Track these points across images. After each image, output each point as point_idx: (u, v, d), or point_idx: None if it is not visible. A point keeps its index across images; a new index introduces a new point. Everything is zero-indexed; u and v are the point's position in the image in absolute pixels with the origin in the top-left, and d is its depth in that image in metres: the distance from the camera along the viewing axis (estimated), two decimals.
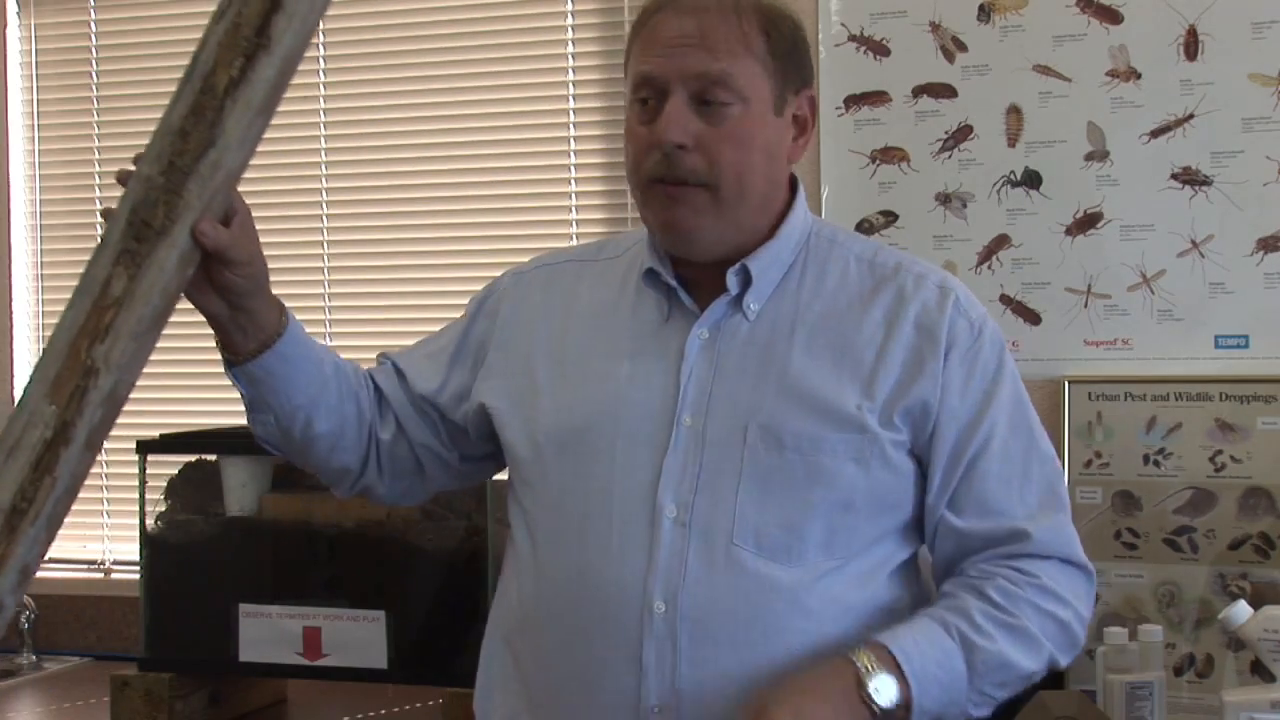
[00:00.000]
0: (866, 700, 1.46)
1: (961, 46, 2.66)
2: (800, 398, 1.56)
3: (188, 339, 3.10)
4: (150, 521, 2.65)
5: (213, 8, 1.35)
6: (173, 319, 2.53)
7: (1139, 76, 2.58)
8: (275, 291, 1.60)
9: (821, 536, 1.54)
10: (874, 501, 1.56)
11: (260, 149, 3.31)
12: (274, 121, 3.31)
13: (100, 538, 3.26)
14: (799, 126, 1.63)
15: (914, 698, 1.47)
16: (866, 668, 1.46)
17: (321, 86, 3.11)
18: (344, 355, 1.76)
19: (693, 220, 1.56)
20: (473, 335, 1.76)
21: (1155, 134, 2.57)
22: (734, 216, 1.57)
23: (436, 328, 1.85)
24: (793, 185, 1.67)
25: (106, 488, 3.25)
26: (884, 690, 1.46)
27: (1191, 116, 2.55)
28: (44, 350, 1.36)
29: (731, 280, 1.59)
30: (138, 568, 2.67)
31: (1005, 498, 1.59)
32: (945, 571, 1.62)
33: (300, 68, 3.26)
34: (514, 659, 1.65)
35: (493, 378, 1.70)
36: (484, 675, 1.70)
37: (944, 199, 2.67)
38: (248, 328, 1.56)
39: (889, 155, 2.70)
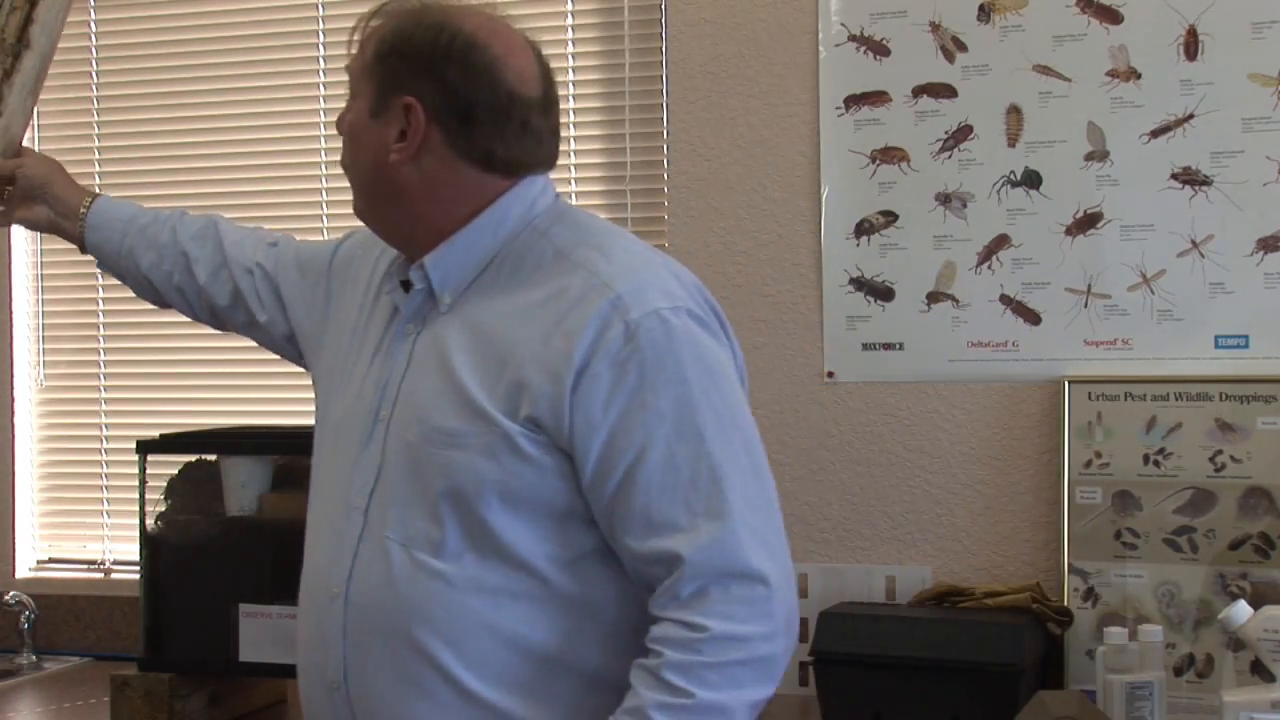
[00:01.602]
0: None
1: (961, 46, 2.66)
2: (450, 393, 1.60)
3: (188, 339, 3.12)
4: (150, 521, 2.65)
5: (214, 8, 1.51)
6: (172, 320, 2.56)
7: (1139, 76, 2.58)
8: None
9: (462, 528, 1.57)
10: (506, 493, 1.56)
11: (260, 149, 3.33)
12: (274, 121, 3.33)
13: (100, 538, 3.26)
14: (401, 130, 1.65)
15: None
16: None
17: (322, 86, 3.11)
18: None
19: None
20: (328, 281, 1.89)
21: (1155, 134, 2.57)
22: (370, 207, 1.71)
23: None
24: (509, 178, 1.67)
25: (106, 488, 3.25)
26: None
27: (1191, 116, 2.55)
28: None
29: (415, 275, 1.66)
30: (138, 568, 2.68)
31: (670, 509, 1.53)
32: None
33: (300, 67, 3.27)
34: None
35: (321, 352, 1.83)
36: None
37: (944, 199, 2.67)
38: (63, 213, 1.97)
39: (889, 155, 2.70)
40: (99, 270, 2.08)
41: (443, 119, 1.62)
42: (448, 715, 1.58)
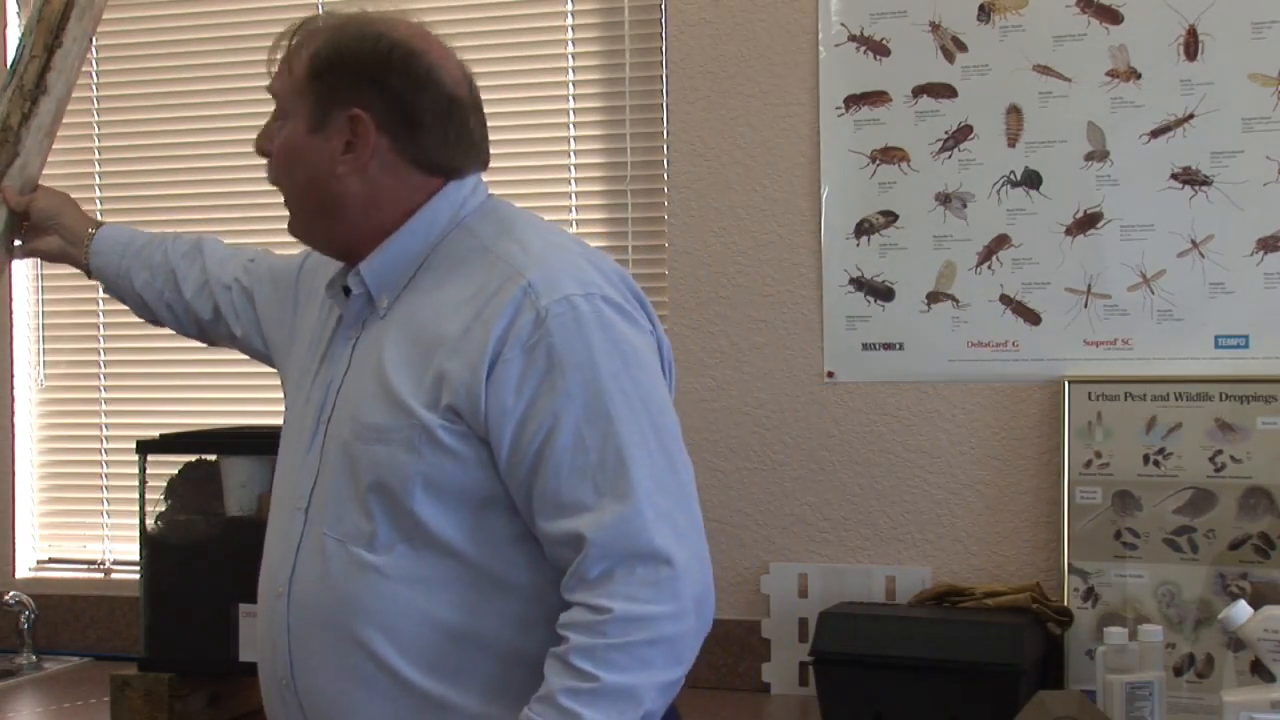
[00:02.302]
0: None
1: (961, 46, 2.66)
2: (379, 391, 1.63)
3: (188, 340, 3.11)
4: (150, 521, 2.65)
5: (214, 8, 1.53)
6: None
7: (1139, 76, 2.58)
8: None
9: (390, 521, 1.60)
10: (430, 485, 1.59)
11: None
12: None
13: (100, 538, 3.26)
14: (347, 142, 1.68)
15: None
16: None
17: None
18: None
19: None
20: (296, 294, 1.93)
21: (1155, 134, 2.57)
22: (306, 224, 1.75)
23: None
24: (446, 179, 1.70)
25: (106, 488, 3.25)
26: None
27: (1191, 116, 2.55)
28: None
29: (352, 281, 1.70)
30: (138, 568, 2.68)
31: (578, 490, 1.55)
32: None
33: None
34: None
35: (289, 361, 1.88)
36: None
37: (944, 199, 2.67)
38: (71, 241, 2.05)
39: (889, 155, 2.70)
40: None
41: (390, 127, 1.66)
42: (386, 704, 1.61)
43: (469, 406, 1.57)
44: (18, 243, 2.08)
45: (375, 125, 1.65)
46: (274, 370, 1.98)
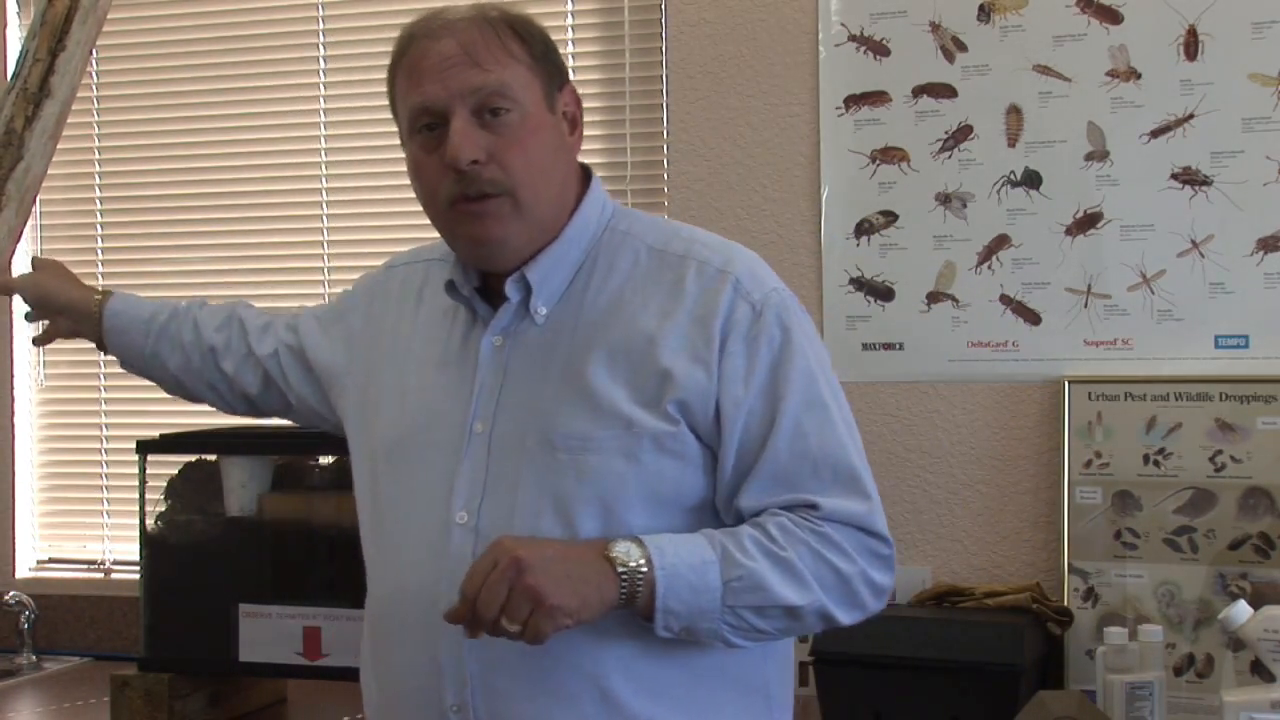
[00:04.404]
0: (611, 559, 1.48)
1: (961, 46, 2.66)
2: (574, 398, 1.57)
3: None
4: (150, 521, 2.65)
5: (214, 8, 1.51)
6: None
7: (1139, 76, 2.58)
8: (276, 292, 1.78)
9: (600, 533, 1.54)
10: (649, 494, 1.56)
11: (260, 148, 3.32)
12: (274, 121, 3.33)
13: (100, 538, 3.26)
14: (570, 122, 1.67)
15: (659, 591, 1.48)
16: (616, 542, 1.50)
17: (322, 86, 3.11)
18: None
19: (501, 231, 1.59)
20: (352, 327, 1.83)
21: (1155, 134, 2.57)
22: (535, 218, 1.61)
23: None
24: (587, 180, 1.69)
25: (106, 488, 3.25)
26: (631, 555, 1.48)
27: (1191, 116, 2.55)
28: None
29: (511, 288, 1.62)
30: (138, 568, 2.68)
31: (797, 474, 1.57)
32: None
33: (300, 67, 3.27)
34: (369, 648, 1.72)
35: (347, 394, 1.79)
36: (360, 658, 1.77)
37: (944, 199, 2.67)
38: (78, 318, 1.95)
39: (889, 155, 2.70)
40: (97, 271, 2.10)
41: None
42: None
43: (699, 403, 1.56)
44: (34, 333, 2.05)
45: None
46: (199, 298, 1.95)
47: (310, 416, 1.90)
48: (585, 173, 1.70)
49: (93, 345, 1.98)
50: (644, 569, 1.48)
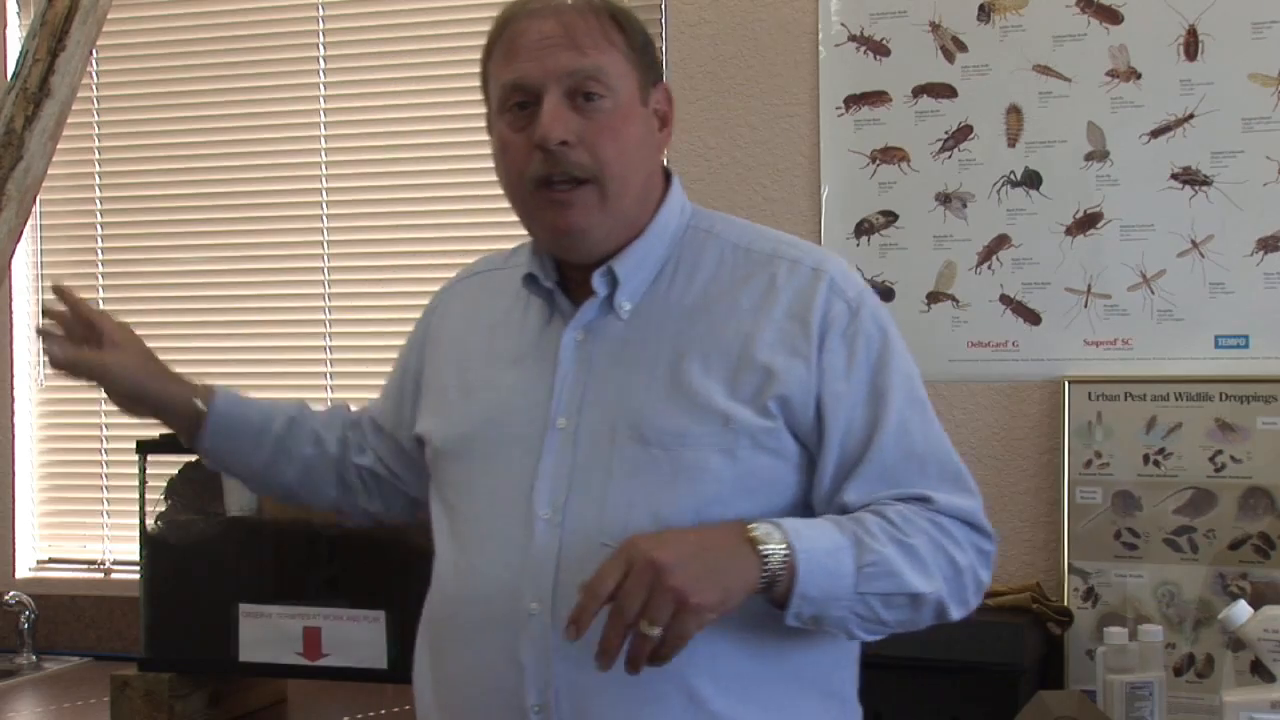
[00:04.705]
0: (753, 540, 1.44)
1: (961, 46, 2.66)
2: (667, 393, 1.55)
3: (188, 339, 3.12)
4: (150, 521, 2.65)
5: (214, 8, 1.50)
6: (174, 321, 2.56)
7: (1139, 76, 2.58)
8: (275, 293, 1.68)
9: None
10: (745, 492, 1.54)
11: (260, 148, 3.31)
12: (274, 121, 3.32)
13: (100, 538, 3.26)
14: (660, 119, 1.65)
15: (799, 575, 1.44)
16: (756, 524, 1.47)
17: (322, 86, 3.11)
18: (344, 356, 1.79)
19: (584, 220, 1.57)
20: (410, 370, 1.80)
21: (1155, 134, 2.57)
22: (619, 210, 1.58)
23: None
24: (668, 178, 1.68)
25: (106, 488, 3.25)
26: (772, 536, 1.45)
27: (1191, 116, 2.55)
28: None
29: (598, 282, 1.59)
30: (138, 568, 2.67)
31: (905, 471, 1.56)
32: None
33: (300, 67, 3.26)
34: (429, 652, 1.68)
35: (421, 401, 1.76)
36: (415, 663, 1.73)
37: (944, 199, 2.67)
38: (170, 420, 1.82)
39: (889, 155, 2.70)
40: (97, 271, 2.09)
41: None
42: None
43: (800, 398, 1.54)
44: (105, 404, 1.94)
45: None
46: (279, 366, 1.91)
47: (394, 483, 1.88)
48: (666, 173, 1.68)
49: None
50: (785, 552, 1.44)
